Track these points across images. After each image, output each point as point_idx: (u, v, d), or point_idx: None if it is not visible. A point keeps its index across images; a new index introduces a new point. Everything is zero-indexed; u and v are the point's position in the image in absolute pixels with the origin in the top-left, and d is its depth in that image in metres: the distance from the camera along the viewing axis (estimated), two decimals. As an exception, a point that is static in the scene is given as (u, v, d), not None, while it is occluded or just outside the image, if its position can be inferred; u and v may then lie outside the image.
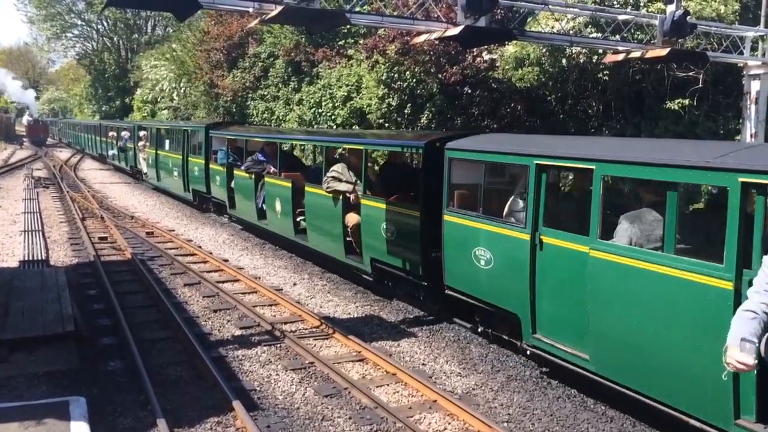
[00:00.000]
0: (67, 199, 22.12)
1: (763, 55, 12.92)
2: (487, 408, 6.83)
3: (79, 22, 61.21)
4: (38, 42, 71.23)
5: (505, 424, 6.46)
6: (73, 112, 77.17)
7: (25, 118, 70.86)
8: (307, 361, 7.96)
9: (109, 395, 6.93)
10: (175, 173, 21.32)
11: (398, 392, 7.16)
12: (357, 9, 10.54)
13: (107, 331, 8.94)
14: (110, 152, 34.72)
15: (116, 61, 57.96)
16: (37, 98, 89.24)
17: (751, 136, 12.64)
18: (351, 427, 6.36)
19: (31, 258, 12.70)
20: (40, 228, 16.12)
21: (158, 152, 23.65)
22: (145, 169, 26.34)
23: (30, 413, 5.91)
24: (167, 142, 22.65)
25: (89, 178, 31.58)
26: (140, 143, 26.30)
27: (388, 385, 7.32)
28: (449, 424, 6.43)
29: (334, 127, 20.44)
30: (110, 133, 33.81)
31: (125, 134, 29.73)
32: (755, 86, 12.71)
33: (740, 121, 13.03)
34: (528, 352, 7.63)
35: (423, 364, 8.03)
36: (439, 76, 15.66)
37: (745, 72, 12.95)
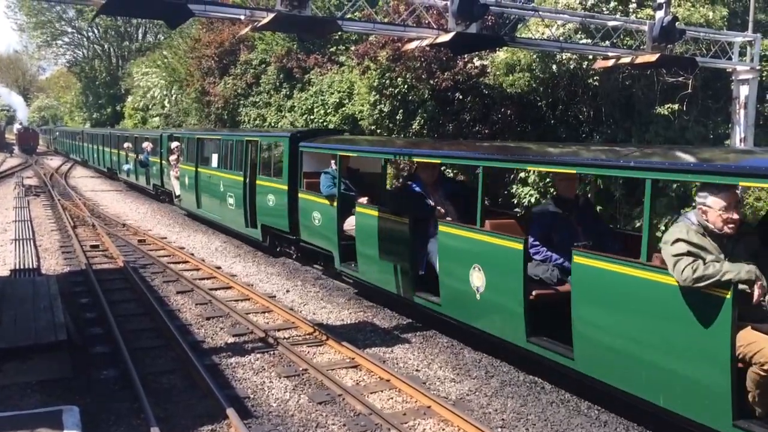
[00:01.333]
0: (58, 207, 22.02)
1: (752, 60, 13.02)
2: (481, 413, 6.85)
3: (70, 30, 61.15)
4: (28, 50, 71.10)
5: (500, 430, 6.48)
6: (64, 120, 76.66)
7: (16, 127, 70.58)
8: (300, 368, 7.95)
9: (102, 404, 6.90)
10: (231, 201, 15.79)
11: (392, 398, 7.16)
12: (348, 16, 10.58)
13: (100, 340, 8.90)
14: (124, 167, 28.90)
15: (107, 69, 57.88)
16: (28, 105, 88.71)
17: (741, 140, 12.74)
18: (345, 433, 6.36)
19: (22, 267, 12.62)
20: (31, 236, 16.04)
21: (199, 170, 18.15)
22: (177, 191, 20.74)
23: (23, 423, 5.88)
24: (215, 156, 17.10)
25: (80, 185, 31.47)
26: (172, 157, 20.97)
27: (382, 391, 7.33)
28: (443, 429, 6.44)
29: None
30: (125, 145, 28.64)
31: (147, 146, 24.31)
32: (744, 91, 12.81)
33: (729, 125, 13.13)
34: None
35: (417, 370, 8.03)
36: (431, 82, 15.71)
37: (733, 77, 13.06)
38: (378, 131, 17.61)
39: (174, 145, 20.94)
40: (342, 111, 20.21)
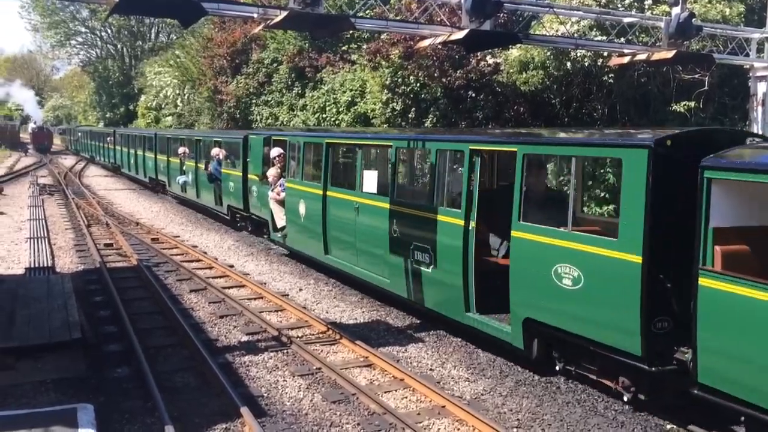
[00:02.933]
0: (72, 206, 22.14)
1: (769, 56, 12.86)
2: (496, 413, 6.79)
3: (83, 30, 61.56)
4: (42, 49, 71.79)
5: (515, 430, 6.42)
6: (78, 119, 77.12)
7: (30, 126, 71.14)
8: (314, 367, 7.92)
9: (116, 402, 6.90)
10: (421, 256, 9.19)
11: (406, 398, 7.11)
12: (361, 14, 10.53)
13: (114, 338, 8.91)
14: (179, 179, 22.00)
15: (120, 68, 58.20)
16: (41, 105, 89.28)
17: (758, 138, 12.57)
18: (359, 433, 6.32)
19: (36, 265, 12.69)
20: (45, 235, 16.12)
21: (331, 194, 11.77)
22: (280, 221, 14.20)
23: (37, 421, 5.88)
24: (369, 176, 10.71)
25: (94, 184, 31.65)
26: (271, 171, 14.40)
27: (396, 390, 7.28)
28: (458, 429, 6.39)
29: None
30: (180, 150, 22.13)
31: (217, 153, 18.30)
32: (762, 88, 12.65)
33: (747, 123, 12.97)
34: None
35: (431, 370, 7.98)
36: (443, 80, 15.63)
37: (751, 74, 12.90)
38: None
39: (275, 153, 14.34)
40: (354, 109, 20.18)
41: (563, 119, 14.82)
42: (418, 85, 16.51)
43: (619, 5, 13.31)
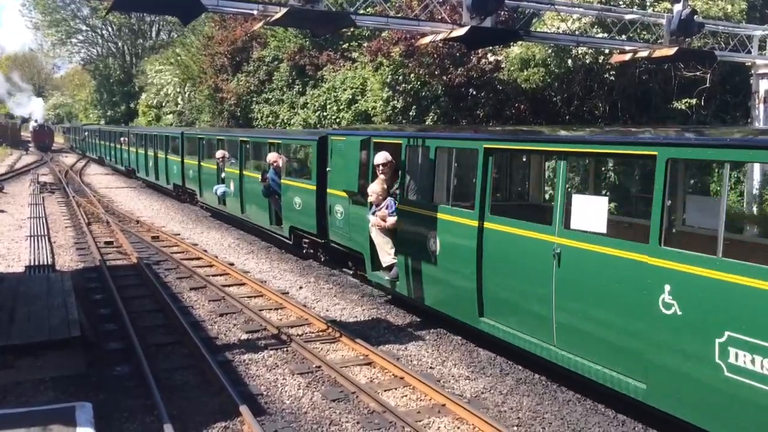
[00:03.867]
0: (72, 204, 22.13)
1: (771, 54, 12.82)
2: (496, 412, 6.76)
3: (84, 28, 61.54)
4: (43, 48, 71.69)
5: (515, 429, 6.39)
6: (78, 117, 77.09)
7: (31, 124, 71.14)
8: (314, 365, 7.90)
9: (115, 400, 6.88)
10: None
11: (406, 396, 7.09)
12: (361, 11, 10.50)
13: (113, 336, 8.89)
14: (218, 189, 17.97)
15: (121, 66, 58.20)
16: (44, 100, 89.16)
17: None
18: (359, 431, 6.30)
19: (36, 263, 12.66)
20: (45, 233, 16.11)
21: (496, 227, 7.80)
22: (386, 257, 10.12)
23: (36, 419, 5.86)
24: (596, 205, 6.73)
25: (94, 182, 31.65)
26: (373, 188, 10.13)
27: (396, 389, 7.26)
28: (458, 428, 6.36)
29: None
30: (218, 154, 18.02)
31: (275, 159, 14.46)
32: (763, 85, 12.62)
33: (749, 120, 12.93)
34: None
35: (431, 368, 7.96)
36: (444, 78, 15.61)
37: (753, 71, 12.86)
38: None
39: (381, 159, 10.18)
40: (355, 107, 20.16)
41: (564, 117, 14.79)
42: (419, 83, 16.48)
43: (621, 2, 13.28)
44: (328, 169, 11.90)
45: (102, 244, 15.16)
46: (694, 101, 12.85)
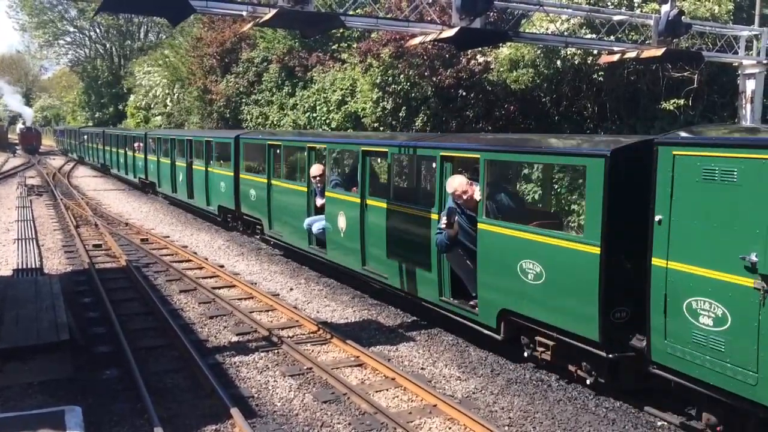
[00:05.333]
0: (60, 207, 21.98)
1: (758, 54, 12.92)
2: (487, 412, 6.77)
3: (72, 29, 61.15)
4: (30, 49, 71.21)
5: (507, 428, 6.40)
6: (66, 119, 76.56)
7: (18, 127, 70.64)
8: (305, 367, 7.88)
9: (105, 404, 6.84)
10: None
11: (398, 397, 7.09)
12: (351, 12, 10.50)
13: (103, 340, 8.84)
14: (312, 224, 11.97)
15: (109, 68, 57.89)
16: (30, 105, 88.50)
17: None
18: (351, 433, 6.29)
19: (24, 266, 12.58)
20: (33, 236, 15.99)
21: None
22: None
23: (25, 423, 5.82)
24: None
25: (83, 185, 31.44)
26: None
27: (387, 390, 7.25)
28: (449, 428, 6.37)
29: (329, 131, 20.39)
30: (315, 171, 11.86)
31: (462, 189, 8.12)
32: (750, 85, 12.72)
33: (736, 120, 13.02)
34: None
35: (422, 369, 7.96)
36: (434, 79, 15.62)
37: (740, 71, 12.97)
38: (381, 129, 17.53)
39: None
40: (345, 108, 20.13)
41: (553, 118, 14.84)
42: (408, 84, 16.49)
43: (609, 3, 13.35)
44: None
45: (91, 247, 15.07)
46: (682, 101, 12.93)
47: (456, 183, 8.11)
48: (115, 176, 33.24)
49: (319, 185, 11.68)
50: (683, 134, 6.11)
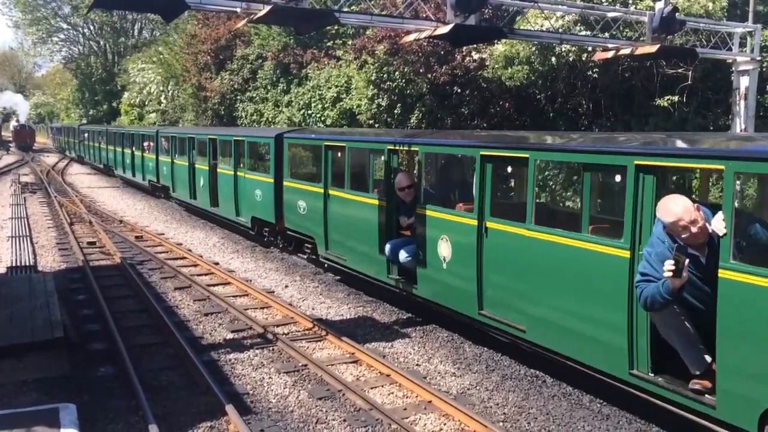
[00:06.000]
0: (54, 204, 21.91)
1: (752, 51, 12.96)
2: (482, 408, 6.78)
3: (65, 26, 60.87)
4: (24, 46, 70.97)
5: (501, 424, 6.42)
6: (60, 116, 76.17)
7: (12, 124, 70.34)
8: (300, 364, 7.88)
9: (99, 401, 6.82)
10: None
11: (393, 393, 7.09)
12: (345, 9, 10.49)
13: (97, 337, 8.82)
14: (400, 252, 9.23)
15: (103, 65, 57.66)
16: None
17: (741, 131, 12.68)
18: (346, 429, 6.29)
19: (18, 264, 12.53)
20: (27, 233, 15.94)
21: None
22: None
23: (19, 421, 5.80)
24: None
25: (77, 182, 31.35)
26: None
27: (382, 386, 7.26)
28: (445, 424, 6.37)
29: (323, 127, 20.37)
30: (401, 182, 9.23)
31: (686, 209, 5.34)
32: (744, 82, 12.77)
33: (730, 117, 13.07)
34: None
35: (417, 365, 7.97)
36: (429, 76, 15.63)
37: (734, 68, 13.01)
38: (376, 125, 17.53)
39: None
40: (340, 106, 20.14)
41: (548, 114, 14.87)
42: (403, 81, 16.49)
43: (603, 0, 13.36)
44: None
45: (85, 244, 15.02)
46: (676, 98, 12.97)
47: (679, 208, 5.37)
48: (121, 179, 30.01)
49: (407, 199, 9.10)
50: None
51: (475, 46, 14.69)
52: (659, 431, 6.32)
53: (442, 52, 15.45)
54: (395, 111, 16.97)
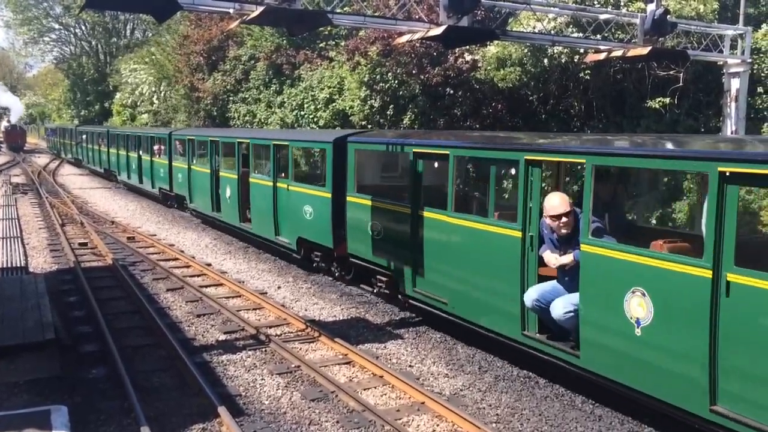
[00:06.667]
0: (46, 205, 21.80)
1: (743, 53, 13.04)
2: (475, 409, 6.79)
3: (57, 26, 60.57)
4: (15, 46, 70.54)
5: (494, 425, 6.43)
6: (52, 117, 75.73)
7: (3, 125, 69.93)
8: (293, 365, 7.87)
9: (91, 403, 6.79)
10: None
11: (386, 395, 7.09)
12: (338, 10, 10.49)
13: (89, 339, 8.78)
14: (553, 305, 6.87)
15: (95, 66, 57.39)
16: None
17: (732, 133, 12.75)
18: (339, 430, 6.29)
19: (9, 265, 12.47)
20: (18, 234, 15.86)
21: None
22: None
23: (10, 423, 5.78)
24: None
25: (68, 183, 31.20)
26: None
27: (375, 387, 7.26)
28: (437, 425, 6.38)
29: (317, 129, 20.35)
30: (557, 209, 6.84)
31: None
32: (735, 84, 12.84)
33: (721, 118, 13.14)
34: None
35: (410, 366, 7.97)
36: (421, 77, 15.65)
37: (725, 70, 13.08)
38: (369, 127, 17.53)
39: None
40: (332, 107, 20.11)
41: (541, 116, 14.90)
42: (396, 82, 16.50)
43: (595, 2, 13.43)
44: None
45: (76, 245, 14.95)
46: (667, 100, 13.04)
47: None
48: (125, 186, 27.24)
49: (563, 231, 6.87)
50: None
51: (467, 47, 14.72)
52: (652, 431, 6.35)
53: (435, 54, 15.47)
54: (388, 112, 16.98)
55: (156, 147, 22.19)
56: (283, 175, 12.76)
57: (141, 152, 24.03)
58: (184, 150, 18.86)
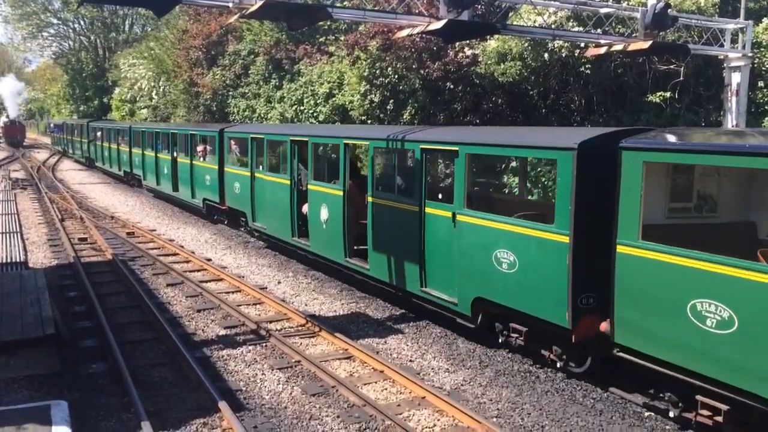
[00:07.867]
0: (45, 200, 21.77)
1: (743, 47, 12.98)
2: (476, 403, 6.79)
3: (55, 21, 60.44)
4: (14, 41, 70.24)
5: (495, 420, 6.42)
6: (51, 112, 75.52)
7: (2, 120, 69.84)
8: (293, 360, 7.86)
9: (91, 398, 6.79)
10: None
11: (386, 389, 7.09)
12: (338, 4, 10.44)
13: (89, 334, 8.77)
14: None
15: (94, 60, 57.23)
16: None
17: (733, 127, 12.71)
18: (339, 425, 6.29)
19: (9, 260, 12.46)
20: (18, 230, 15.84)
21: None
22: None
23: (10, 418, 5.77)
24: None
25: (68, 178, 31.15)
26: None
27: (375, 382, 7.25)
28: (438, 420, 6.38)
29: (317, 124, 20.29)
30: None
31: None
32: (736, 78, 12.77)
33: (722, 113, 13.09)
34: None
35: (410, 361, 7.97)
36: (421, 72, 15.59)
37: (725, 64, 13.01)
38: (368, 121, 17.48)
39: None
40: (332, 101, 20.06)
41: (541, 110, 14.86)
42: (396, 76, 16.44)
43: (596, -4, 13.34)
44: None
45: (76, 240, 14.93)
46: (668, 94, 12.98)
47: None
48: (152, 193, 23.36)
49: None
50: None
51: (467, 42, 14.65)
52: (652, 426, 6.35)
53: (435, 48, 15.40)
54: (388, 107, 16.92)
55: (199, 148, 18.22)
56: (441, 198, 8.80)
57: (176, 153, 19.95)
58: (245, 152, 15.21)
